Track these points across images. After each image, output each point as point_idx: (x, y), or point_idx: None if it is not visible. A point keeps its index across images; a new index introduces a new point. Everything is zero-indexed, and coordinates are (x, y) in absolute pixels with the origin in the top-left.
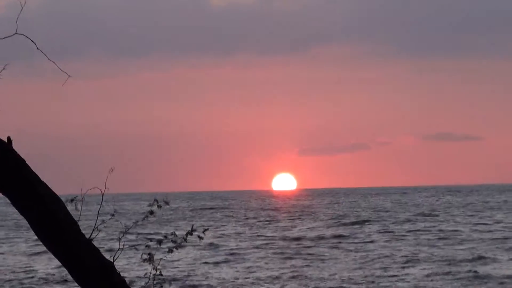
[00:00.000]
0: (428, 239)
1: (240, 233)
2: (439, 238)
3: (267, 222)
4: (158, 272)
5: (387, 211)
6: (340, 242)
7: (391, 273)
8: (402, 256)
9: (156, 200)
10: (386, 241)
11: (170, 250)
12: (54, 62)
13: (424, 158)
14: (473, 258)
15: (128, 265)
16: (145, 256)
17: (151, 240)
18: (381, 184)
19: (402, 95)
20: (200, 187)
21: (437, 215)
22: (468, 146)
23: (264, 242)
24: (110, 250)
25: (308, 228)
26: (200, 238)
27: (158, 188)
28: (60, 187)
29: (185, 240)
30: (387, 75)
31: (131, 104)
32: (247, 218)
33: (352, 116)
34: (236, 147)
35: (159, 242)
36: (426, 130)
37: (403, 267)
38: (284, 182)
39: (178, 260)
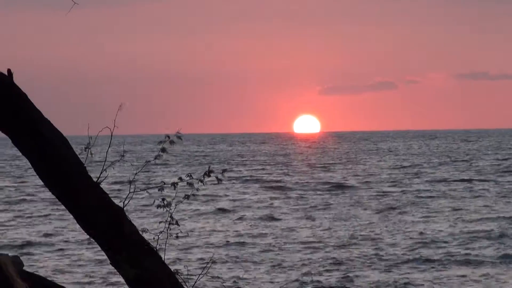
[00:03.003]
0: None
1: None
2: None
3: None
4: (174, 221)
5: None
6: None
7: None
8: None
9: (167, 136)
10: None
11: (187, 196)
12: None
13: (456, 99)
14: None
15: (139, 211)
16: (158, 202)
17: (164, 183)
18: (407, 127)
19: (434, 28)
20: (217, 129)
21: None
22: (505, 86)
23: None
24: (119, 196)
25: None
26: (219, 180)
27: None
28: (64, 127)
29: (203, 182)
30: (417, 6)
31: (138, 37)
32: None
33: (378, 51)
34: (254, 86)
35: (174, 185)
36: (458, 68)
37: None
38: (306, 124)
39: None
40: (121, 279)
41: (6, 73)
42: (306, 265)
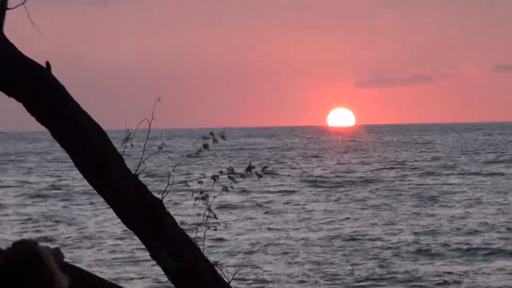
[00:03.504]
0: None
1: None
2: None
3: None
4: (212, 214)
5: None
6: None
7: None
8: None
9: (211, 134)
10: None
11: (226, 188)
12: None
13: (491, 91)
14: None
15: (178, 204)
16: (197, 195)
17: (204, 176)
18: (443, 120)
19: (470, 20)
20: (249, 123)
21: None
22: None
23: None
24: (158, 189)
25: None
26: (259, 176)
27: (205, 124)
28: (101, 122)
29: (243, 177)
30: None
31: (172, 30)
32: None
33: (413, 44)
34: (288, 80)
35: (214, 178)
36: (494, 61)
37: None
38: (340, 118)
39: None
40: (161, 273)
41: (45, 66)
42: (347, 257)
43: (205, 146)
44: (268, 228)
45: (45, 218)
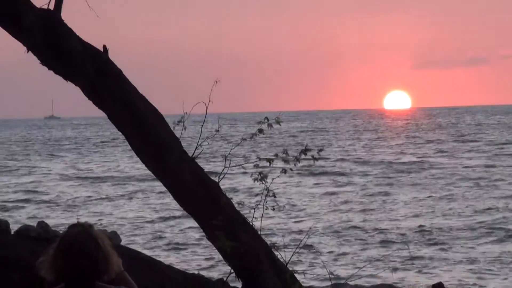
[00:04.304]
0: None
1: None
2: None
3: None
4: (271, 193)
5: None
6: None
7: None
8: None
9: (266, 118)
10: None
11: (284, 170)
12: None
13: None
14: None
15: (235, 186)
16: (255, 176)
17: (259, 158)
18: (502, 101)
19: None
20: (305, 106)
21: None
22: None
23: None
24: (214, 171)
25: None
26: (315, 159)
27: (260, 108)
28: (160, 105)
29: (298, 160)
30: None
31: (228, 15)
32: None
33: (471, 26)
34: (344, 62)
35: (269, 161)
36: None
37: None
38: (396, 100)
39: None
40: (218, 256)
41: (102, 50)
42: (403, 238)
43: (260, 131)
44: (328, 210)
45: (101, 203)
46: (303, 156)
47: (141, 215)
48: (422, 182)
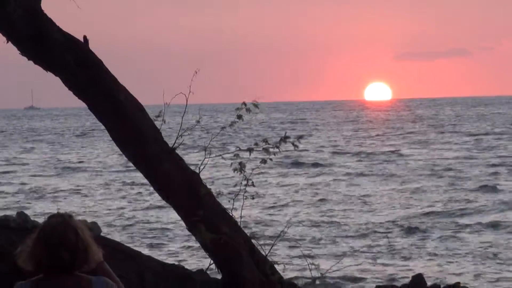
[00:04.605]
0: None
1: None
2: None
3: None
4: (250, 182)
5: None
6: None
7: None
8: None
9: (244, 104)
10: None
11: (263, 160)
12: None
13: None
14: None
15: (214, 177)
16: (235, 166)
17: (239, 148)
18: (482, 93)
19: None
20: (285, 97)
21: None
22: None
23: None
24: (194, 163)
25: None
26: (295, 146)
27: (240, 99)
28: (139, 97)
29: (278, 148)
30: None
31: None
32: None
33: (452, 17)
34: (325, 53)
35: (250, 150)
36: None
37: None
38: (377, 92)
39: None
40: (198, 247)
41: (82, 40)
42: (382, 229)
43: (239, 117)
44: (309, 199)
45: (81, 193)
46: (283, 144)
47: (121, 205)
48: (400, 174)
